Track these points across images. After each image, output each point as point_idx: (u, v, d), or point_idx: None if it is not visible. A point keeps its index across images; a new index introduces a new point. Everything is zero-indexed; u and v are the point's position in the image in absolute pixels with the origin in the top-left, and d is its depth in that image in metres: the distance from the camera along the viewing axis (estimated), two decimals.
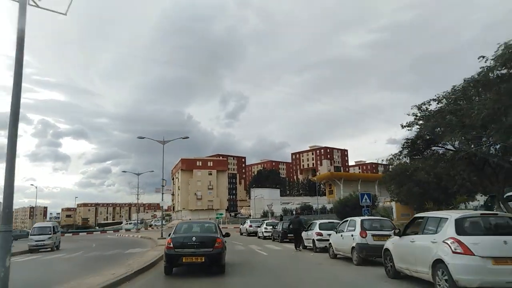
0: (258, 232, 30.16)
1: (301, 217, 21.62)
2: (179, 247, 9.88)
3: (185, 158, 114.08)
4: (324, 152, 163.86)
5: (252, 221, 34.96)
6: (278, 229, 25.08)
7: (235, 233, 39.31)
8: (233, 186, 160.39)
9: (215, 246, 9.93)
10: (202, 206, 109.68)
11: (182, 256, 9.77)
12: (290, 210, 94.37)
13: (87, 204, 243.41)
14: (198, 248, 9.83)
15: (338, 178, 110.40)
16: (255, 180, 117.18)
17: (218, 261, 10.02)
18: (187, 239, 10.08)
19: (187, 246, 9.87)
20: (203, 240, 10.09)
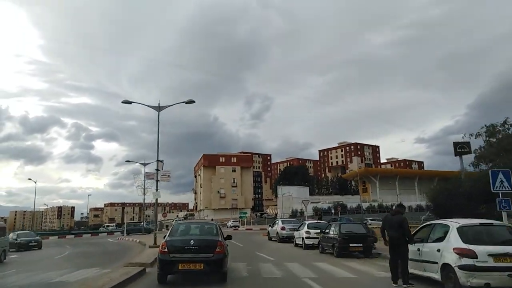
0: (296, 238, 20.68)
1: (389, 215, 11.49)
2: (174, 252, 8.42)
3: (207, 154, 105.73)
4: (354, 149, 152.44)
5: (285, 222, 25.31)
6: (330, 235, 15.49)
7: (260, 238, 29.91)
8: (259, 185, 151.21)
9: (216, 251, 8.46)
10: (226, 205, 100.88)
11: (178, 262, 8.31)
12: (322, 209, 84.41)
13: (114, 204, 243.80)
14: (197, 253, 8.37)
15: (373, 174, 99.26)
16: (282, 177, 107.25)
17: (219, 268, 8.53)
18: (184, 243, 8.59)
19: (184, 251, 8.41)
20: (203, 244, 8.62)
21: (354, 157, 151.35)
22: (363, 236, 14.76)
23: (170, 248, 8.52)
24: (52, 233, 57.14)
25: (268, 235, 27.22)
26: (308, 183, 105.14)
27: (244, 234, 38.82)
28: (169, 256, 8.44)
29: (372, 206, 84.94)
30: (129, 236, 39.93)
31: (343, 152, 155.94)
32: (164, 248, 8.56)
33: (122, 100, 20.43)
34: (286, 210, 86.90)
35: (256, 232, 43.18)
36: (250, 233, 41.10)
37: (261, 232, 38.60)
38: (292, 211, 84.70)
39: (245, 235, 36.62)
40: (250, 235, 36.27)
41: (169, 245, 8.59)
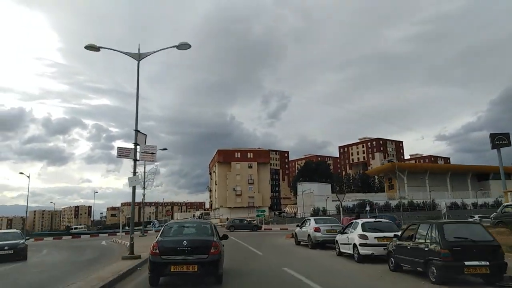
0: (340, 244, 13.86)
1: None
2: (166, 253, 7.84)
3: (222, 149, 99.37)
4: (376, 144, 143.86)
5: (319, 221, 18.36)
6: (420, 242, 8.51)
7: (284, 241, 23.27)
8: (276, 182, 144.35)
9: (210, 252, 7.88)
10: (242, 203, 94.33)
11: (170, 264, 7.72)
12: (347, 207, 76.95)
13: (130, 203, 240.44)
14: (190, 255, 7.78)
15: (401, 170, 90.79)
16: (301, 174, 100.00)
17: (214, 270, 8.00)
18: (176, 244, 8.00)
19: (176, 252, 7.80)
20: (196, 244, 8.04)
21: (376, 153, 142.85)
22: (488, 247, 7.85)
23: (161, 249, 7.87)
24: (48, 234, 51.71)
25: (295, 238, 20.43)
26: (329, 179, 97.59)
27: (263, 235, 32.12)
28: (160, 258, 7.80)
29: (402, 203, 76.95)
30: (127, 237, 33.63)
31: (364, 148, 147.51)
32: (155, 249, 7.89)
33: (85, 45, 13.68)
34: (306, 208, 79.89)
35: (277, 233, 36.41)
36: (269, 234, 34.35)
37: (283, 233, 31.86)
38: (313, 209, 77.57)
39: (263, 237, 29.90)
40: (270, 237, 29.59)
41: (160, 246, 7.93)
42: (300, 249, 17.74)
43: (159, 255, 7.83)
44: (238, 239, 25.59)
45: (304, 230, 18.45)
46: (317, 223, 17.69)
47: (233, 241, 25.15)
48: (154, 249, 7.93)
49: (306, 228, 18.27)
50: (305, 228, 18.60)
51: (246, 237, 28.87)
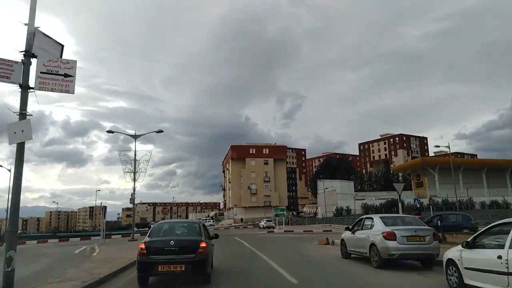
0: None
1: None
2: (154, 253, 7.68)
3: (236, 145, 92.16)
4: (399, 141, 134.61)
5: (389, 221, 10.54)
6: None
7: (318, 250, 15.72)
8: (293, 181, 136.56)
9: (198, 252, 7.72)
10: (258, 203, 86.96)
11: (157, 264, 7.57)
12: (374, 206, 68.99)
13: (144, 203, 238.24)
14: (178, 254, 7.63)
15: (431, 165, 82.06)
16: (321, 171, 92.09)
17: (202, 269, 7.83)
18: (164, 243, 7.84)
19: (164, 252, 7.65)
20: (184, 244, 7.89)
21: (399, 150, 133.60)
22: None
23: (149, 250, 7.70)
24: (37, 236, 45.32)
25: (343, 248, 12.93)
26: (352, 177, 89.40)
27: (284, 240, 24.68)
28: (148, 258, 7.65)
29: (435, 202, 68.32)
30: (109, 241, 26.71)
31: (386, 145, 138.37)
32: (142, 250, 7.72)
33: None
34: (328, 208, 72.11)
35: (300, 236, 28.89)
36: (292, 238, 26.87)
37: (309, 237, 24.46)
38: (336, 209, 69.69)
39: (286, 242, 22.45)
40: (294, 242, 22.17)
41: (148, 246, 7.75)
42: (359, 268, 10.26)
43: (147, 255, 7.64)
44: (252, 246, 18.29)
45: (362, 237, 10.94)
46: (387, 224, 10.15)
47: (245, 248, 17.83)
48: (141, 249, 7.72)
49: (367, 233, 10.75)
50: (362, 232, 11.11)
51: (262, 242, 21.52)
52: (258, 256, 14.28)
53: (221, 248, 15.93)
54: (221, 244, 16.89)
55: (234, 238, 26.51)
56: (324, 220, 60.09)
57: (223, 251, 15.25)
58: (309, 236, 27.82)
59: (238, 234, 35.49)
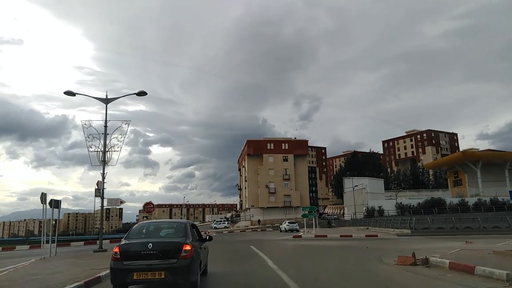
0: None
1: None
2: (129, 258, 6.34)
3: (252, 140, 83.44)
4: (427, 137, 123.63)
5: None
6: None
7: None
8: (313, 181, 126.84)
9: (181, 256, 6.35)
10: (277, 203, 78.00)
11: (133, 271, 6.23)
12: (409, 206, 59.24)
13: (161, 205, 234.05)
14: (156, 259, 6.28)
15: (473, 161, 71.45)
16: (347, 167, 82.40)
17: (185, 276, 6.36)
18: (141, 247, 6.44)
19: (140, 257, 6.30)
20: (164, 247, 6.47)
21: (427, 147, 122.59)
22: None
23: (123, 254, 6.36)
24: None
25: None
26: (383, 174, 79.69)
27: (327, 252, 15.88)
28: (122, 264, 6.30)
29: (482, 201, 58.13)
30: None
31: (413, 142, 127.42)
32: (116, 254, 6.38)
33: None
34: (357, 208, 62.79)
35: (343, 244, 19.88)
36: (334, 247, 18.07)
37: (357, 246, 15.84)
38: (366, 209, 60.26)
39: (334, 257, 13.55)
40: (347, 256, 13.53)
41: (122, 251, 6.40)
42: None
43: (121, 261, 6.32)
44: (282, 270, 9.39)
45: None
46: None
47: (270, 276, 8.88)
48: (115, 254, 6.40)
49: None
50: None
51: (296, 258, 12.82)
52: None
53: (223, 273, 9.49)
54: (225, 261, 12.15)
55: (249, 247, 17.94)
56: (355, 222, 50.81)
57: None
58: (356, 245, 18.97)
59: (256, 239, 26.87)
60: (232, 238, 30.09)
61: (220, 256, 14.16)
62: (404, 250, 15.03)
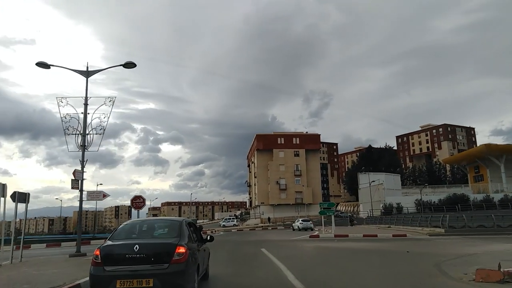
0: None
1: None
2: (112, 262, 5.28)
3: (262, 134, 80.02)
4: (443, 132, 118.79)
5: None
6: None
7: None
8: (324, 178, 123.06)
9: (173, 260, 5.28)
10: (288, 200, 74.54)
11: (115, 278, 5.16)
12: (430, 203, 55.45)
13: (170, 203, 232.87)
14: (143, 264, 5.22)
15: (496, 155, 67.06)
16: (362, 162, 78.44)
17: (178, 284, 5.27)
18: (125, 249, 5.37)
19: (125, 261, 5.25)
20: (153, 250, 5.40)
21: (443, 142, 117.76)
22: None
23: (105, 258, 5.29)
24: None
25: None
26: (399, 169, 75.66)
27: (363, 258, 12.38)
28: (103, 270, 5.22)
29: (509, 198, 53.99)
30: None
31: (428, 137, 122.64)
32: (96, 258, 5.32)
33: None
34: (368, 205, 59.09)
35: (373, 246, 16.37)
36: (367, 251, 14.65)
37: (396, 249, 12.31)
38: (384, 206, 56.53)
39: (378, 268, 10.01)
40: (393, 266, 9.93)
41: (104, 254, 5.33)
42: None
43: (102, 266, 5.26)
44: (305, 280, 6.10)
45: None
46: None
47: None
48: (95, 258, 5.36)
49: None
50: None
51: (324, 266, 9.33)
52: None
53: None
54: (228, 270, 9.60)
55: (260, 251, 14.63)
56: (373, 220, 47.14)
57: None
58: (390, 247, 15.52)
59: (267, 240, 23.55)
60: (240, 238, 26.83)
61: (224, 263, 10.95)
62: (459, 254, 11.54)
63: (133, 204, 14.44)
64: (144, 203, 14.75)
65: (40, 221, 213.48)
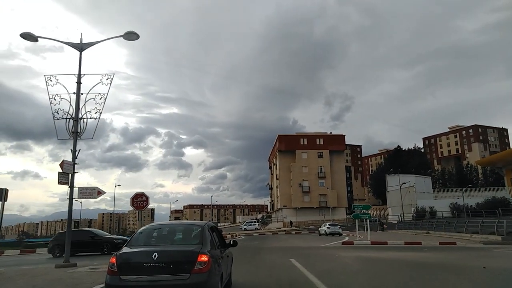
0: None
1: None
2: (129, 271, 4.77)
3: (284, 135, 76.81)
4: (474, 133, 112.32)
5: None
6: None
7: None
8: (348, 181, 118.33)
9: (194, 270, 4.74)
10: (311, 203, 70.95)
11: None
12: (466, 207, 50.96)
13: (192, 206, 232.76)
14: (163, 274, 4.69)
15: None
16: (390, 163, 73.94)
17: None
18: (143, 257, 4.85)
19: (143, 270, 4.73)
20: (172, 258, 4.84)
21: (473, 144, 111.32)
22: None
23: (121, 266, 4.76)
24: None
25: None
26: (430, 171, 70.90)
27: (421, 273, 9.07)
28: (119, 279, 4.72)
29: None
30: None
31: (457, 139, 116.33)
32: (112, 266, 4.81)
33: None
34: (398, 209, 54.90)
35: (432, 256, 12.98)
36: (425, 264, 11.32)
37: (456, 260, 8.85)
38: (416, 210, 52.32)
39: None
40: (472, 285, 6.67)
41: (120, 262, 4.80)
42: None
43: (118, 275, 4.74)
44: None
45: None
46: None
47: None
48: (111, 266, 4.86)
49: None
50: None
51: (377, 283, 6.16)
52: None
53: None
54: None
55: (290, 262, 11.63)
56: (405, 225, 43.13)
57: None
58: (454, 260, 12.18)
59: (295, 246, 20.48)
60: (264, 244, 23.84)
61: (245, 276, 8.13)
62: None
63: (133, 204, 11.75)
64: (148, 202, 12.01)
65: (65, 223, 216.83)
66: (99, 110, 11.99)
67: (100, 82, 12.21)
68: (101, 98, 12.05)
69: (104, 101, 12.04)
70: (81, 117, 11.95)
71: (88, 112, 11.96)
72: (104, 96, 12.12)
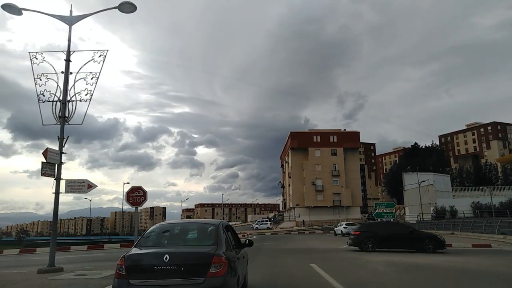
0: None
1: None
2: (138, 274, 4.37)
3: (296, 132, 74.70)
4: (492, 130, 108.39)
5: None
6: None
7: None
8: (362, 180, 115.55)
9: (209, 273, 4.31)
10: (325, 202, 68.78)
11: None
12: (488, 206, 48.26)
13: (203, 204, 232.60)
14: (175, 277, 4.29)
15: None
16: (406, 161, 71.24)
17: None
18: (153, 259, 4.47)
19: (153, 273, 4.33)
20: (185, 260, 4.46)
21: (492, 142, 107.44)
22: None
23: (130, 269, 4.38)
24: None
25: None
26: (449, 169, 68.11)
27: (472, 283, 7.19)
28: (127, 283, 4.34)
29: None
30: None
31: (475, 136, 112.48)
32: (120, 268, 4.42)
33: None
34: (416, 208, 52.41)
35: (473, 261, 11.01)
36: (472, 271, 9.24)
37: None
38: (435, 209, 49.83)
39: None
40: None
41: (128, 265, 4.41)
42: None
43: (126, 279, 4.34)
44: None
45: None
46: None
47: None
48: (119, 268, 4.44)
49: None
50: None
51: None
52: None
53: None
54: None
55: (310, 267, 9.86)
56: (425, 225, 40.75)
57: None
58: (496, 265, 10.21)
59: (312, 248, 18.67)
60: (277, 244, 22.05)
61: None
62: None
63: (129, 199, 10.13)
64: (145, 198, 10.38)
65: (79, 221, 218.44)
66: (90, 91, 10.36)
67: (92, 59, 10.58)
68: (92, 77, 10.42)
69: (96, 81, 10.41)
70: (70, 99, 10.33)
71: (78, 93, 10.33)
72: (96, 75, 10.50)
